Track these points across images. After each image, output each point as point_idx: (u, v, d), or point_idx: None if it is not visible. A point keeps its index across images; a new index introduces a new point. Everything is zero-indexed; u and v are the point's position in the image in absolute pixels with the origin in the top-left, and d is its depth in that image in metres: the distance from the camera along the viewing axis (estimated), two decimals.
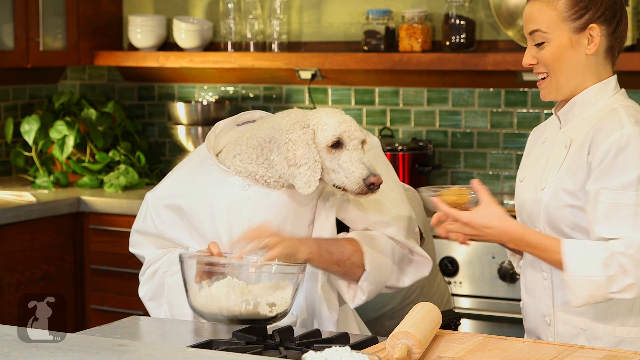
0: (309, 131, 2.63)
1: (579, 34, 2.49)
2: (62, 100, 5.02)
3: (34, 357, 1.91)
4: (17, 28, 4.70)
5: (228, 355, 1.98)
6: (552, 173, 2.52)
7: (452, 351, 2.30)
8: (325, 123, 2.63)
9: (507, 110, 4.48)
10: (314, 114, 2.66)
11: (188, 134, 4.81)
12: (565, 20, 2.48)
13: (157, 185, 2.90)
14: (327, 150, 2.62)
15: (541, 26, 2.49)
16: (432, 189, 2.56)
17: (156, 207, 2.83)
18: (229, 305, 2.44)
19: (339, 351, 1.91)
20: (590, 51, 2.50)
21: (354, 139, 2.63)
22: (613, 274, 2.37)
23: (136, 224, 2.88)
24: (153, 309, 2.84)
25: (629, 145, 2.40)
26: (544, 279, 2.55)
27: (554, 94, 2.54)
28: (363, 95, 4.75)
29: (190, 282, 2.49)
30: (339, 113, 2.66)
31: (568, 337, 2.52)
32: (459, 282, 3.95)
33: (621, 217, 2.38)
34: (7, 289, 4.31)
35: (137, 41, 5.00)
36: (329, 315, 2.74)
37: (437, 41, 4.50)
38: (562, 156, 2.52)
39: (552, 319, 2.55)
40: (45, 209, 4.44)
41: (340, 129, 2.62)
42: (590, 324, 2.50)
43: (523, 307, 2.66)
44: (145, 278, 2.85)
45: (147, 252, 2.85)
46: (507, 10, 4.32)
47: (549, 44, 2.49)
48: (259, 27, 4.82)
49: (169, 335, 2.59)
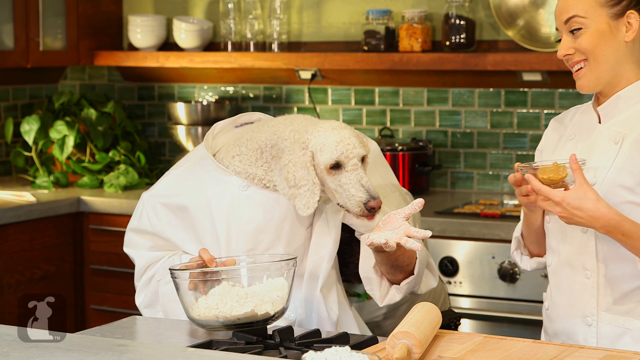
0: (307, 153, 2.62)
1: (617, 20, 2.45)
2: (62, 100, 5.02)
3: (34, 357, 1.91)
4: (17, 28, 4.70)
5: (228, 355, 1.98)
6: (604, 169, 2.47)
7: (452, 351, 2.30)
8: (323, 144, 2.61)
9: (507, 110, 4.48)
10: (314, 132, 2.63)
11: (188, 134, 4.81)
12: (603, 5, 2.45)
13: (154, 185, 2.89)
14: (327, 171, 2.62)
15: (579, 12, 2.45)
16: (530, 165, 2.45)
17: (153, 206, 2.82)
18: (226, 312, 2.44)
19: (339, 351, 1.91)
20: (628, 38, 2.46)
21: (352, 158, 2.61)
22: None
23: (131, 223, 2.88)
24: (149, 316, 2.84)
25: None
26: (586, 277, 2.49)
27: (593, 83, 2.49)
28: (363, 95, 4.75)
29: (184, 295, 2.49)
30: (338, 129, 2.63)
31: (612, 337, 2.47)
32: (459, 282, 3.94)
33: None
34: (7, 289, 4.31)
35: (137, 41, 5.00)
36: (327, 316, 2.74)
37: (437, 41, 4.50)
38: (614, 152, 2.47)
39: (594, 319, 2.49)
40: (45, 209, 4.44)
41: (338, 151, 2.60)
42: (637, 323, 2.45)
43: (552, 308, 2.59)
44: (141, 285, 2.85)
45: (140, 254, 2.84)
46: (507, 10, 4.32)
47: (587, 30, 2.45)
48: (259, 27, 4.82)
49: (169, 335, 2.59)
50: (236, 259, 2.59)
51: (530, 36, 4.27)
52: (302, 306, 2.75)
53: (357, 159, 2.62)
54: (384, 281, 2.73)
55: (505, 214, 4.00)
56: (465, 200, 4.34)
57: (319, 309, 2.74)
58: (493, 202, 4.28)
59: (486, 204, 4.25)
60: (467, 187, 4.58)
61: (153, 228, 2.82)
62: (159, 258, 2.82)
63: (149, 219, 2.82)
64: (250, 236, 2.73)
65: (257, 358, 1.99)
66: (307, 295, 2.74)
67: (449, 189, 4.62)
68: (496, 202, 4.28)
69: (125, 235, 2.89)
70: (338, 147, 2.60)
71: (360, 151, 2.63)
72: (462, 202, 4.30)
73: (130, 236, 2.87)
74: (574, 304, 2.52)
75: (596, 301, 2.48)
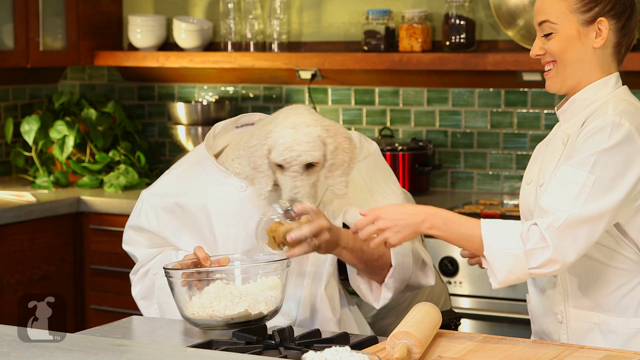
0: (265, 146, 2.65)
1: (588, 26, 2.48)
2: (62, 100, 5.02)
3: (34, 357, 1.91)
4: (17, 28, 4.70)
5: (228, 355, 1.98)
6: (550, 169, 2.52)
7: (452, 351, 2.30)
8: (275, 143, 2.64)
9: (507, 110, 4.48)
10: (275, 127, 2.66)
11: (188, 134, 4.81)
12: (574, 12, 2.48)
13: (154, 183, 2.90)
14: (275, 167, 2.66)
15: (550, 17, 2.49)
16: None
17: (152, 205, 2.84)
18: (220, 311, 2.44)
19: (339, 351, 1.91)
20: (597, 45, 2.49)
21: (294, 165, 2.63)
22: (532, 248, 2.34)
23: (130, 220, 2.89)
24: (144, 308, 2.87)
25: (602, 130, 2.40)
26: (553, 275, 2.53)
27: (558, 85, 2.53)
28: (363, 95, 4.75)
29: (178, 294, 2.50)
30: (295, 131, 2.64)
31: (581, 333, 2.51)
32: (459, 282, 3.94)
33: (566, 192, 2.37)
34: (7, 289, 4.31)
35: (137, 41, 5.00)
36: (331, 317, 2.74)
37: (437, 41, 4.50)
38: (560, 152, 2.53)
39: (564, 316, 2.53)
40: (45, 209, 4.44)
41: (283, 155, 2.63)
42: (603, 317, 2.49)
43: (532, 309, 2.64)
44: (138, 277, 2.87)
45: (140, 251, 2.87)
46: (507, 10, 4.32)
47: (557, 35, 2.49)
48: (259, 27, 4.82)
49: (169, 335, 2.59)
50: (230, 258, 2.60)
51: (530, 36, 4.27)
52: (305, 305, 2.75)
53: (299, 166, 2.63)
54: (373, 284, 2.75)
55: (505, 213, 4.00)
56: (465, 200, 4.34)
57: (323, 309, 2.75)
58: (493, 202, 4.28)
59: (486, 204, 4.25)
60: (467, 187, 4.58)
61: (151, 227, 2.83)
62: (156, 254, 2.84)
63: (147, 218, 2.83)
64: (249, 236, 2.74)
65: (257, 358, 1.99)
66: (310, 295, 2.75)
67: (449, 189, 4.62)
68: (496, 202, 4.28)
69: (124, 233, 2.90)
70: (284, 152, 2.63)
71: (307, 158, 2.63)
72: (462, 202, 4.30)
73: (129, 234, 2.89)
74: (545, 303, 2.58)
75: (563, 298, 2.53)
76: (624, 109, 2.44)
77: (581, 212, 2.34)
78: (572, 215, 2.34)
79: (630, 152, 2.39)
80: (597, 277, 2.49)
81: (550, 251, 2.33)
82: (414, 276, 2.75)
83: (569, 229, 2.34)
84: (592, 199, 2.35)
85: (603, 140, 2.38)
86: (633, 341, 2.46)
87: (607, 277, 2.48)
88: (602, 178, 2.36)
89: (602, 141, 2.38)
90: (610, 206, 2.36)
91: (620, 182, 2.37)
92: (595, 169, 2.37)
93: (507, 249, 2.35)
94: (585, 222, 2.34)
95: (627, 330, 2.47)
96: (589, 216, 2.35)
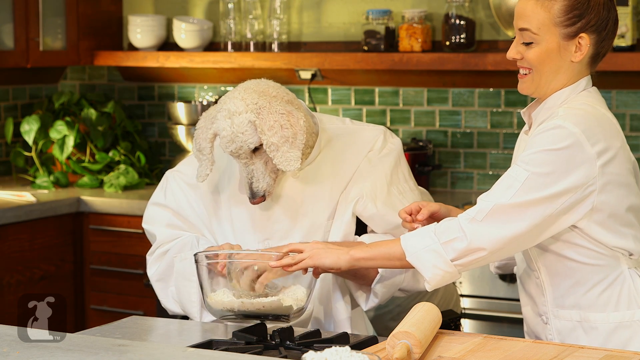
0: (211, 130, 2.69)
1: (569, 41, 2.49)
2: (62, 100, 5.01)
3: (34, 357, 1.91)
4: (17, 28, 4.70)
5: (228, 355, 1.98)
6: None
7: (452, 351, 2.30)
8: (220, 134, 2.67)
9: (507, 110, 4.48)
10: (218, 114, 2.67)
11: (188, 134, 4.81)
12: (557, 25, 2.48)
13: (178, 165, 2.97)
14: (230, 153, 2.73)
15: (532, 26, 2.49)
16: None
17: (178, 182, 2.88)
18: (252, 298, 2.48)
19: (339, 351, 1.92)
20: (576, 59, 2.50)
21: (241, 154, 2.67)
22: (446, 240, 2.42)
23: (154, 197, 2.92)
24: (160, 290, 2.85)
25: (546, 132, 2.43)
26: (536, 278, 2.57)
27: (531, 90, 2.56)
28: (363, 95, 4.75)
29: (205, 282, 2.51)
30: (230, 125, 2.65)
31: (566, 332, 2.54)
32: (459, 282, 3.95)
33: (500, 185, 2.44)
34: (7, 289, 4.31)
35: (137, 41, 5.00)
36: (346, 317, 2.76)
37: (437, 41, 4.50)
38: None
39: (548, 316, 2.56)
40: (45, 209, 4.44)
41: (229, 150, 2.67)
42: (583, 314, 2.51)
43: (523, 313, 2.67)
44: (155, 258, 2.86)
45: (159, 230, 2.87)
46: (507, 10, 4.32)
47: (537, 46, 2.49)
48: (259, 27, 4.82)
49: (169, 335, 2.59)
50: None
51: None
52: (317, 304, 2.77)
53: (245, 154, 2.67)
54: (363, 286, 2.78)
55: None
56: (465, 200, 4.35)
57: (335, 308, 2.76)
58: None
59: None
60: (467, 187, 4.59)
61: (176, 203, 2.86)
62: (175, 237, 2.84)
63: (173, 194, 2.87)
64: (266, 226, 2.75)
65: (257, 358, 1.99)
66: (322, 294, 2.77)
67: (449, 189, 4.62)
68: None
69: (146, 211, 2.93)
70: (228, 144, 2.66)
71: (249, 146, 2.65)
72: (462, 202, 4.30)
73: (150, 211, 2.91)
74: (533, 305, 2.61)
75: (545, 299, 2.56)
76: (572, 113, 2.46)
77: (505, 201, 2.40)
78: (497, 204, 2.40)
79: (574, 158, 2.41)
80: (575, 275, 2.51)
81: (466, 240, 2.40)
82: (406, 282, 2.76)
83: (489, 217, 2.40)
84: (521, 192, 2.40)
85: (545, 141, 2.42)
86: (614, 336, 2.49)
87: (585, 275, 2.51)
88: (535, 174, 2.40)
89: (544, 142, 2.42)
90: (536, 200, 2.39)
91: (553, 183, 2.40)
92: (530, 165, 2.41)
93: (424, 246, 2.44)
94: (506, 209, 2.40)
95: (607, 326, 2.50)
96: (512, 204, 2.39)
